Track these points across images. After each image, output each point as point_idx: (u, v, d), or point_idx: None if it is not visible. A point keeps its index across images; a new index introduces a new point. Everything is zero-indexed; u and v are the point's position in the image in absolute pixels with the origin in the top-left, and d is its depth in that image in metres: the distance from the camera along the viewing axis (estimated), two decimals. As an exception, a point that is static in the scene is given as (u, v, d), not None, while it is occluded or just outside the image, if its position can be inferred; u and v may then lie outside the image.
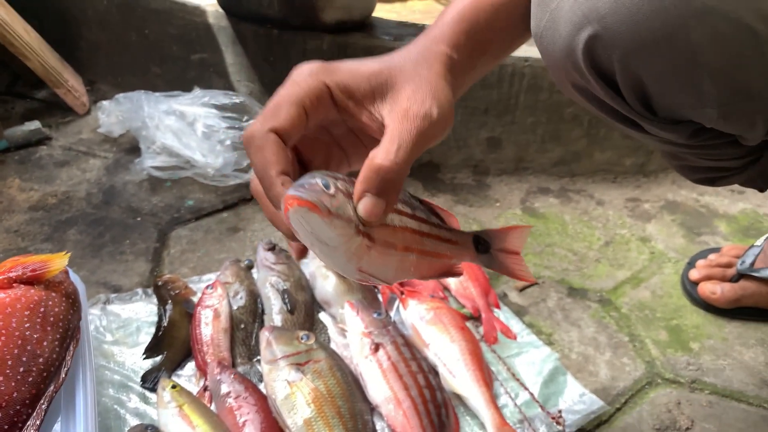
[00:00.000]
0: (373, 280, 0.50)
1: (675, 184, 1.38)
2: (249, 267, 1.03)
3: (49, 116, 1.48)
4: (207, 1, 1.36)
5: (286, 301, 0.93)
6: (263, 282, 0.98)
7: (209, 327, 0.89)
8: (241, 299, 0.95)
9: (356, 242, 0.46)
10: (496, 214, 1.25)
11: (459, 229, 0.55)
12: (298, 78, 0.48)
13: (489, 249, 0.56)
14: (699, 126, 0.54)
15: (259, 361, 0.85)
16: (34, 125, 1.38)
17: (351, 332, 0.88)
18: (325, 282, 0.97)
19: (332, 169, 0.53)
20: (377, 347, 0.84)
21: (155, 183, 1.28)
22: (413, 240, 0.50)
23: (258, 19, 1.30)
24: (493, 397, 0.81)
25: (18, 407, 0.61)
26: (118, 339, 0.90)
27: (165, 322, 0.91)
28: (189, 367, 0.88)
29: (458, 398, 0.83)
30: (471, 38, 0.53)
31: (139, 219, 1.18)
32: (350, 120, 0.49)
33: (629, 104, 0.53)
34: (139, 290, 0.99)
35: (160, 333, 0.90)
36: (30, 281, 0.69)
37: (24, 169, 1.31)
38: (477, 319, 0.96)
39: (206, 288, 0.94)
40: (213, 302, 0.92)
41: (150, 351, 0.88)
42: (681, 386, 0.91)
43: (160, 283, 0.96)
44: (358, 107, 0.48)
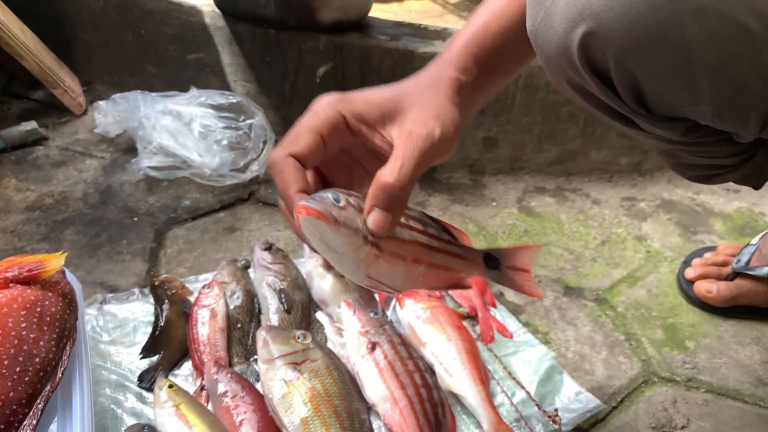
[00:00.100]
0: (382, 287, 0.54)
1: (671, 183, 1.39)
2: (246, 267, 1.03)
3: (46, 116, 1.48)
4: (203, 1, 1.36)
5: (283, 301, 0.93)
6: (260, 282, 0.98)
7: (206, 326, 0.89)
8: (238, 299, 0.95)
9: (364, 251, 0.51)
10: (493, 214, 1.26)
11: (469, 246, 0.59)
12: (318, 109, 0.53)
13: (499, 265, 0.60)
14: (694, 123, 0.54)
15: (256, 361, 0.85)
16: (31, 125, 1.38)
17: (348, 331, 0.88)
18: (322, 281, 0.97)
19: (355, 188, 0.58)
20: (374, 346, 0.84)
21: (152, 183, 1.28)
22: (422, 253, 0.55)
23: (254, 20, 1.30)
24: (490, 396, 0.81)
25: (14, 407, 0.61)
26: (115, 339, 0.90)
27: (162, 322, 0.91)
28: (186, 367, 0.88)
29: (455, 397, 0.83)
30: (479, 61, 0.57)
31: (136, 219, 1.18)
32: (366, 143, 0.54)
33: (624, 101, 0.53)
34: (136, 290, 0.99)
35: (157, 333, 0.90)
36: (26, 281, 0.69)
37: (20, 170, 1.30)
38: (473, 318, 0.96)
39: (203, 288, 0.94)
40: (210, 302, 0.92)
41: (147, 351, 0.88)
42: (677, 385, 0.91)
43: (157, 283, 0.96)
44: (371, 131, 0.53)
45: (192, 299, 0.95)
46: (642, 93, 0.51)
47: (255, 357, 0.87)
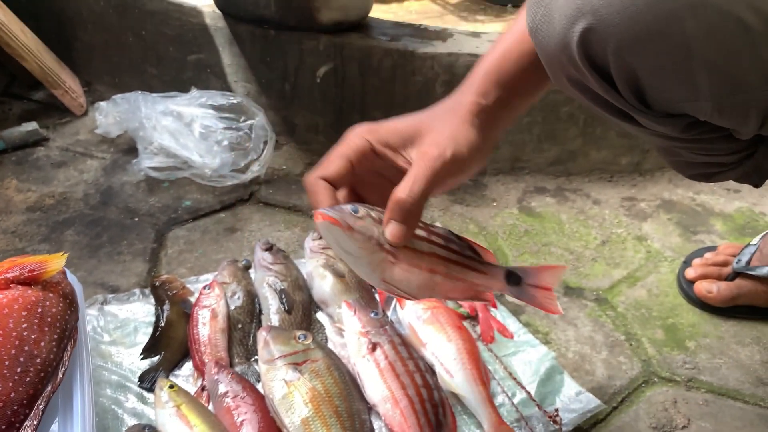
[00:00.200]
0: (398, 292, 0.60)
1: (671, 183, 1.39)
2: (246, 267, 1.04)
3: (47, 117, 1.48)
4: (203, 2, 1.37)
5: (284, 301, 0.94)
6: (260, 282, 0.98)
7: (207, 327, 0.89)
8: (239, 299, 0.95)
9: (379, 257, 0.57)
10: (493, 214, 1.26)
11: (492, 263, 0.63)
12: (348, 138, 0.60)
13: (520, 282, 0.62)
14: (693, 120, 0.54)
15: (257, 361, 0.85)
16: (32, 126, 1.38)
17: (348, 332, 0.88)
18: (323, 282, 0.97)
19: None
20: (374, 347, 0.84)
21: (152, 183, 1.28)
22: (439, 265, 0.60)
23: (255, 20, 1.31)
24: (490, 396, 0.81)
25: (15, 407, 0.61)
26: (116, 339, 0.90)
27: (162, 323, 0.91)
28: (186, 367, 0.88)
29: (455, 397, 0.83)
30: (499, 85, 0.61)
31: (137, 219, 1.19)
32: (392, 165, 0.60)
33: (624, 97, 0.53)
34: (137, 290, 0.99)
35: (158, 333, 0.90)
36: (27, 282, 0.69)
37: (21, 170, 1.31)
38: (474, 318, 0.96)
39: (203, 288, 0.95)
40: (210, 302, 0.92)
41: (147, 351, 0.88)
42: (677, 385, 0.91)
43: (158, 284, 0.96)
44: (395, 154, 0.60)
45: (193, 300, 0.95)
46: (641, 89, 0.52)
47: (256, 357, 0.87)
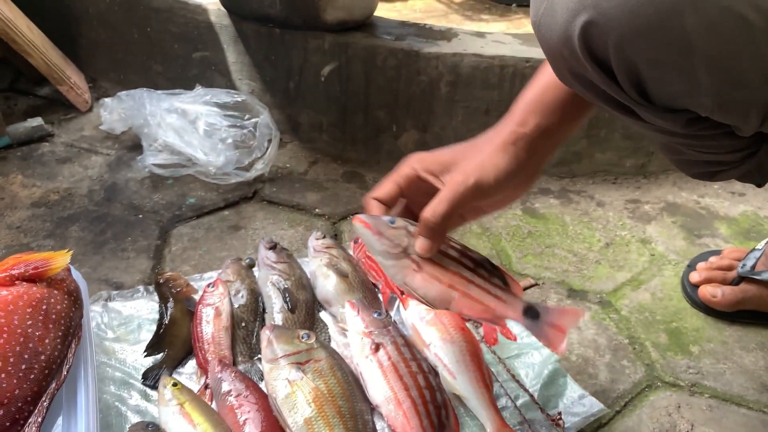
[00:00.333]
0: (417, 296, 0.68)
1: (675, 186, 1.38)
2: (250, 265, 1.04)
3: (52, 113, 1.48)
4: (209, 0, 1.36)
5: (287, 300, 0.93)
6: (264, 280, 0.98)
7: (210, 325, 0.89)
8: (242, 298, 0.95)
9: (404, 263, 0.67)
10: (497, 215, 1.26)
11: (515, 294, 0.69)
12: (400, 165, 0.71)
13: (537, 317, 0.68)
14: (694, 115, 0.54)
15: (260, 360, 0.85)
16: (37, 122, 1.38)
17: (351, 332, 0.88)
18: (326, 281, 0.97)
19: None
20: (377, 347, 0.84)
21: (157, 180, 1.28)
22: (459, 283, 0.67)
23: (260, 18, 1.31)
24: (493, 399, 0.81)
25: (20, 404, 0.61)
26: (120, 336, 0.91)
27: (166, 320, 0.91)
28: (190, 365, 0.88)
29: (458, 399, 0.83)
30: (538, 114, 0.67)
31: (141, 216, 1.19)
32: (435, 188, 0.68)
33: (625, 91, 0.53)
34: (141, 287, 0.99)
35: (162, 330, 0.90)
36: (32, 279, 0.70)
37: (26, 166, 1.31)
38: (477, 320, 0.96)
39: (207, 286, 0.95)
40: (214, 300, 0.92)
41: (151, 348, 0.88)
42: (681, 390, 0.91)
43: (162, 281, 0.96)
44: (436, 179, 0.69)
45: (196, 297, 0.95)
46: (642, 82, 0.52)
47: (259, 356, 0.87)
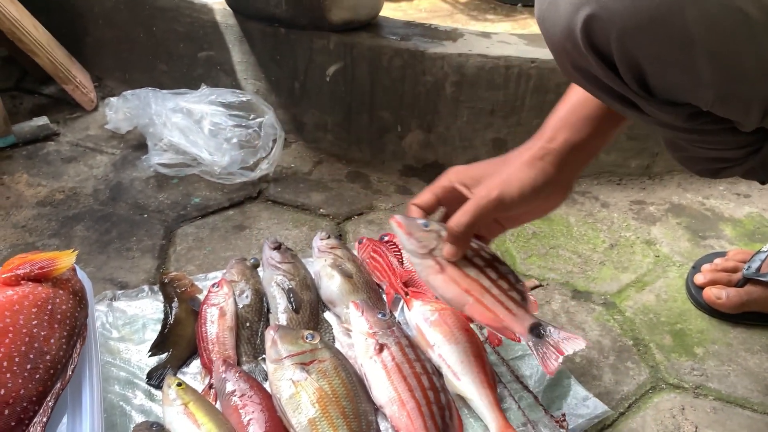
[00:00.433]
0: (437, 293, 0.76)
1: (680, 187, 1.38)
2: (255, 265, 1.04)
3: (57, 112, 1.49)
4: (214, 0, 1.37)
5: (292, 300, 0.94)
6: (269, 281, 0.98)
7: (215, 325, 0.89)
8: (247, 298, 0.95)
9: (428, 263, 0.75)
10: (502, 216, 1.25)
11: (527, 310, 0.74)
12: (440, 177, 0.80)
13: (542, 336, 0.72)
14: (696, 110, 0.54)
15: (264, 360, 0.85)
16: (42, 121, 1.39)
17: (355, 332, 0.88)
18: (330, 282, 0.97)
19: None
20: (382, 348, 0.84)
21: (162, 180, 1.29)
22: (476, 290, 0.74)
23: (265, 18, 1.31)
24: (497, 400, 0.81)
25: (25, 404, 0.61)
26: (124, 336, 0.91)
27: (171, 320, 0.91)
28: (194, 365, 0.88)
29: (462, 400, 0.83)
30: (567, 129, 0.73)
31: (146, 216, 1.19)
32: (468, 197, 0.74)
33: (627, 84, 0.54)
34: (146, 287, 0.99)
35: (166, 330, 0.90)
36: (38, 279, 0.70)
37: (32, 165, 1.31)
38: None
39: (212, 286, 0.95)
40: (219, 300, 0.92)
41: (156, 348, 0.88)
42: (685, 392, 0.91)
43: (166, 281, 0.96)
44: (468, 191, 0.76)
45: (201, 297, 0.95)
46: (644, 76, 0.52)
47: (263, 356, 0.87)
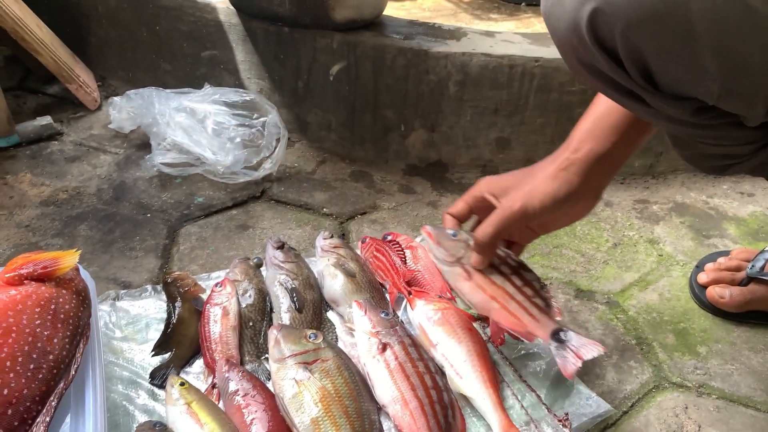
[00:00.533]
0: (464, 299, 0.86)
1: (684, 186, 1.38)
2: (258, 265, 1.04)
3: (61, 111, 1.49)
4: (218, -1, 1.37)
5: (295, 300, 0.94)
6: (272, 280, 0.98)
7: (218, 324, 0.89)
8: (250, 297, 0.95)
9: (456, 270, 0.84)
10: (505, 215, 1.25)
11: (550, 316, 0.80)
12: (472, 187, 0.86)
13: (563, 341, 0.77)
14: (702, 104, 0.54)
15: (267, 359, 0.85)
16: (46, 120, 1.39)
17: (358, 331, 0.88)
18: (334, 281, 0.97)
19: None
20: (385, 347, 0.84)
21: (165, 179, 1.29)
22: (501, 296, 0.81)
23: (269, 17, 1.31)
24: (500, 399, 0.81)
25: (28, 404, 0.61)
26: (127, 335, 0.91)
27: (174, 319, 0.91)
28: (197, 365, 0.88)
29: (465, 399, 0.83)
30: (591, 139, 0.75)
31: (149, 215, 1.19)
32: (496, 207, 0.79)
33: (632, 78, 0.54)
34: (149, 287, 0.99)
35: (169, 330, 0.90)
36: (41, 278, 0.70)
37: (35, 164, 1.31)
38: (484, 320, 0.96)
39: (215, 286, 0.95)
40: (222, 300, 0.92)
41: (159, 348, 0.88)
42: (688, 390, 0.91)
43: (170, 280, 0.97)
44: (497, 201, 0.81)
45: (204, 297, 0.95)
46: (649, 69, 0.52)
47: (266, 356, 0.87)
